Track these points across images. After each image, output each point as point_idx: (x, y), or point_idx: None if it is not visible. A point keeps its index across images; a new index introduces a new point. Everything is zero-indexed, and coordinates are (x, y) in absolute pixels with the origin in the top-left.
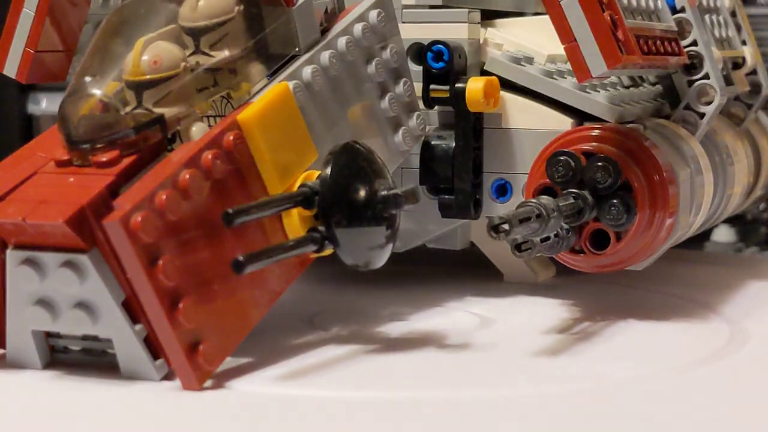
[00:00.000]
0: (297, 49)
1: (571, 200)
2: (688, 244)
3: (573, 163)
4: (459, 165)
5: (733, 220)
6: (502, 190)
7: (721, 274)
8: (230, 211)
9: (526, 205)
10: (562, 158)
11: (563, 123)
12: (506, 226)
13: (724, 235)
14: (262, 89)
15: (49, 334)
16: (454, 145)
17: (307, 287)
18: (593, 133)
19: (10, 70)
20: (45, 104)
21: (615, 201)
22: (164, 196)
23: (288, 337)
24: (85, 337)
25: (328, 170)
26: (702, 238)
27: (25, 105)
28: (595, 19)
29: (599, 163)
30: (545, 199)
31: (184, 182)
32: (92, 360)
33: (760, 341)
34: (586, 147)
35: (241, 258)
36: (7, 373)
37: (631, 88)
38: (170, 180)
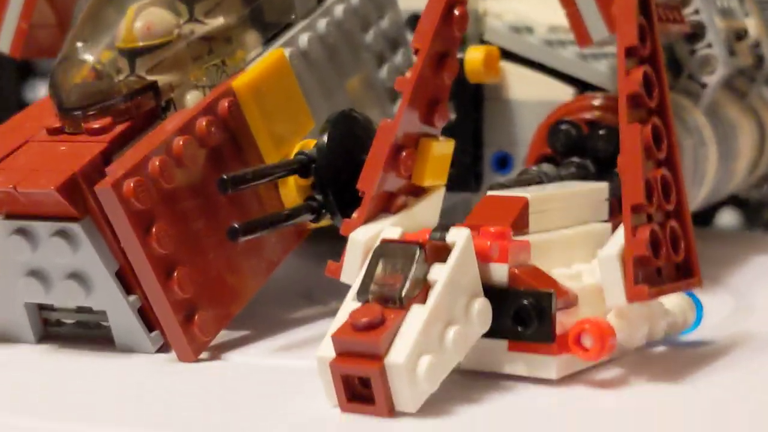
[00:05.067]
0: (293, 16)
1: (573, 169)
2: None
3: (575, 132)
4: (458, 137)
5: (738, 204)
6: (503, 162)
7: (727, 250)
8: (226, 177)
9: (528, 173)
10: (563, 127)
11: (564, 93)
12: None
13: (728, 218)
14: (257, 57)
15: (42, 308)
16: (453, 116)
17: (305, 263)
18: (595, 103)
19: (4, 45)
20: (43, 92)
21: (617, 170)
22: (157, 163)
23: (285, 311)
24: (78, 310)
25: (325, 138)
26: (705, 222)
27: (22, 92)
28: None
29: (601, 133)
30: (547, 167)
31: (178, 149)
32: (86, 333)
33: (765, 314)
34: (587, 116)
35: (236, 225)
36: (0, 347)
37: None
38: (164, 146)
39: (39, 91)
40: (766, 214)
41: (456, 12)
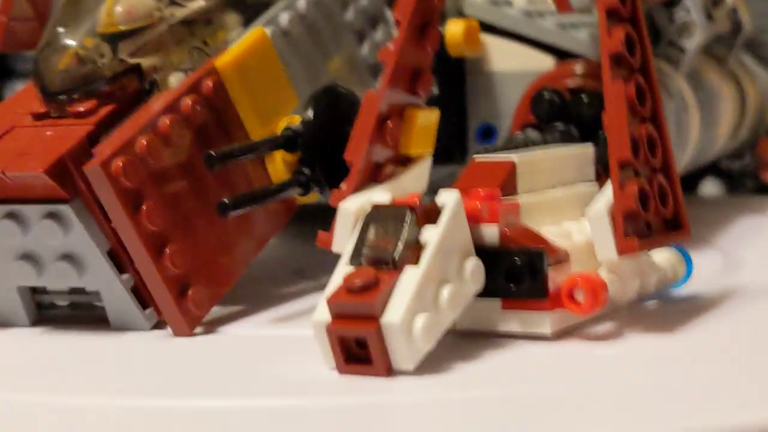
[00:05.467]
0: None
1: (557, 134)
2: None
3: (558, 100)
4: (442, 111)
5: (720, 173)
6: (488, 134)
7: (713, 213)
8: (213, 153)
9: (514, 139)
10: (546, 95)
11: (545, 63)
12: None
13: (711, 188)
14: (238, 37)
15: (35, 291)
16: (437, 91)
17: (295, 243)
18: (576, 69)
19: None
20: None
21: (601, 135)
22: (145, 141)
23: (278, 286)
24: (71, 291)
25: (310, 112)
26: (689, 189)
27: (2, 94)
28: None
29: (584, 98)
30: (532, 133)
31: (165, 127)
32: (80, 314)
33: (753, 268)
34: (570, 83)
35: (226, 200)
36: None
37: None
38: (150, 126)
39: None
40: (748, 184)
41: None
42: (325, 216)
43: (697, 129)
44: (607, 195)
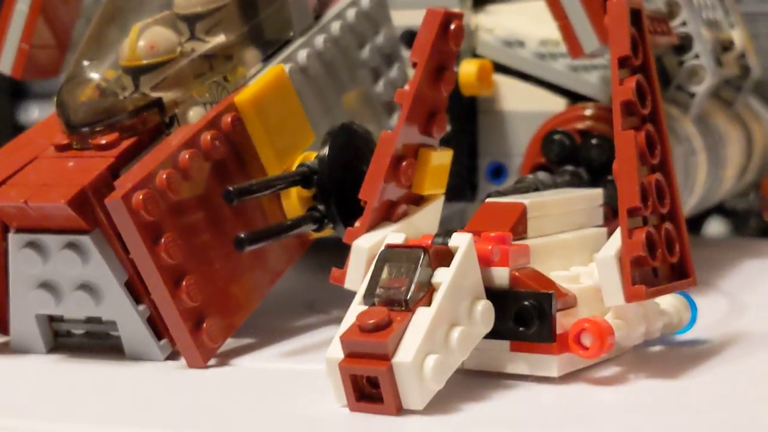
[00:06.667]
0: (291, 33)
1: (567, 177)
2: None
3: (568, 142)
4: (454, 149)
5: (726, 212)
6: (498, 172)
7: (718, 255)
8: (231, 188)
9: (524, 181)
10: (557, 137)
11: (556, 104)
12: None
13: (716, 227)
14: (257, 74)
15: (52, 319)
16: (449, 128)
17: (307, 275)
18: (587, 112)
19: (5, 66)
20: (37, 114)
21: (610, 177)
22: (165, 176)
23: (289, 319)
24: (88, 320)
25: (326, 150)
26: (694, 230)
27: (16, 115)
28: None
29: (594, 141)
30: (542, 175)
31: (184, 162)
32: (96, 343)
33: (757, 314)
34: (580, 126)
35: (242, 235)
36: (12, 357)
37: None
38: (170, 160)
39: (32, 113)
40: (753, 223)
41: (452, 26)
42: (337, 248)
43: (705, 172)
44: (615, 242)
